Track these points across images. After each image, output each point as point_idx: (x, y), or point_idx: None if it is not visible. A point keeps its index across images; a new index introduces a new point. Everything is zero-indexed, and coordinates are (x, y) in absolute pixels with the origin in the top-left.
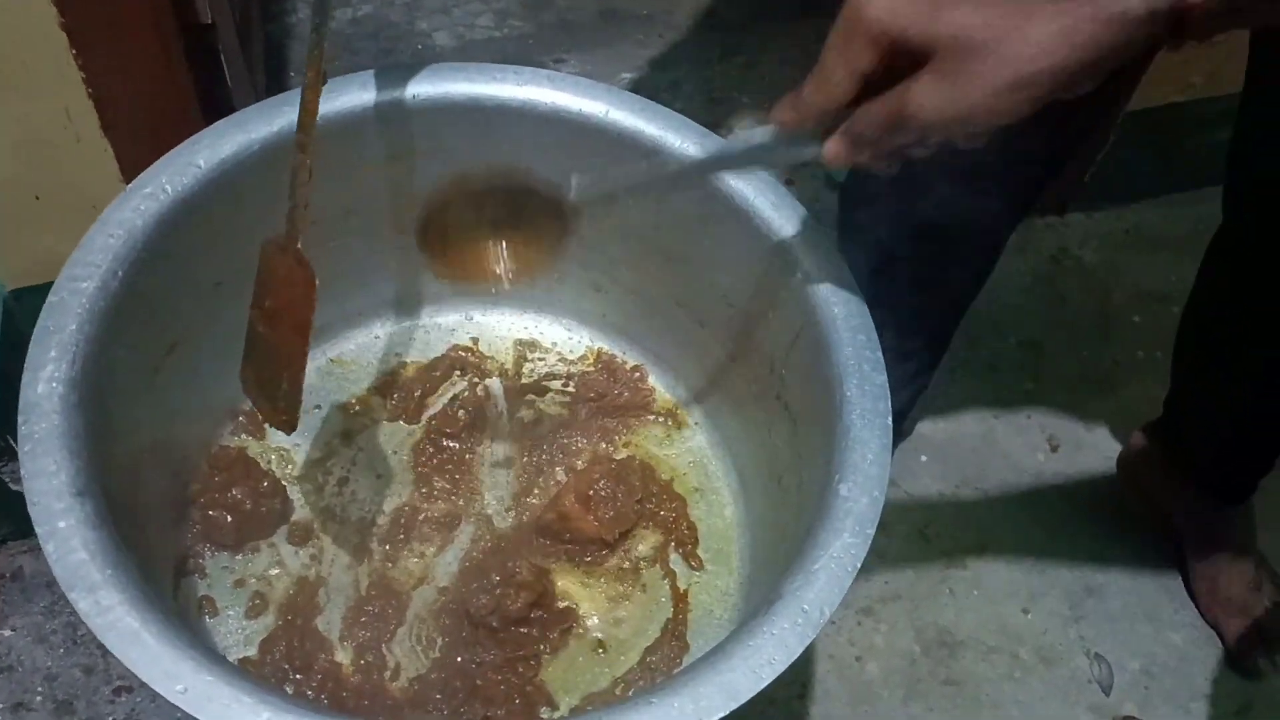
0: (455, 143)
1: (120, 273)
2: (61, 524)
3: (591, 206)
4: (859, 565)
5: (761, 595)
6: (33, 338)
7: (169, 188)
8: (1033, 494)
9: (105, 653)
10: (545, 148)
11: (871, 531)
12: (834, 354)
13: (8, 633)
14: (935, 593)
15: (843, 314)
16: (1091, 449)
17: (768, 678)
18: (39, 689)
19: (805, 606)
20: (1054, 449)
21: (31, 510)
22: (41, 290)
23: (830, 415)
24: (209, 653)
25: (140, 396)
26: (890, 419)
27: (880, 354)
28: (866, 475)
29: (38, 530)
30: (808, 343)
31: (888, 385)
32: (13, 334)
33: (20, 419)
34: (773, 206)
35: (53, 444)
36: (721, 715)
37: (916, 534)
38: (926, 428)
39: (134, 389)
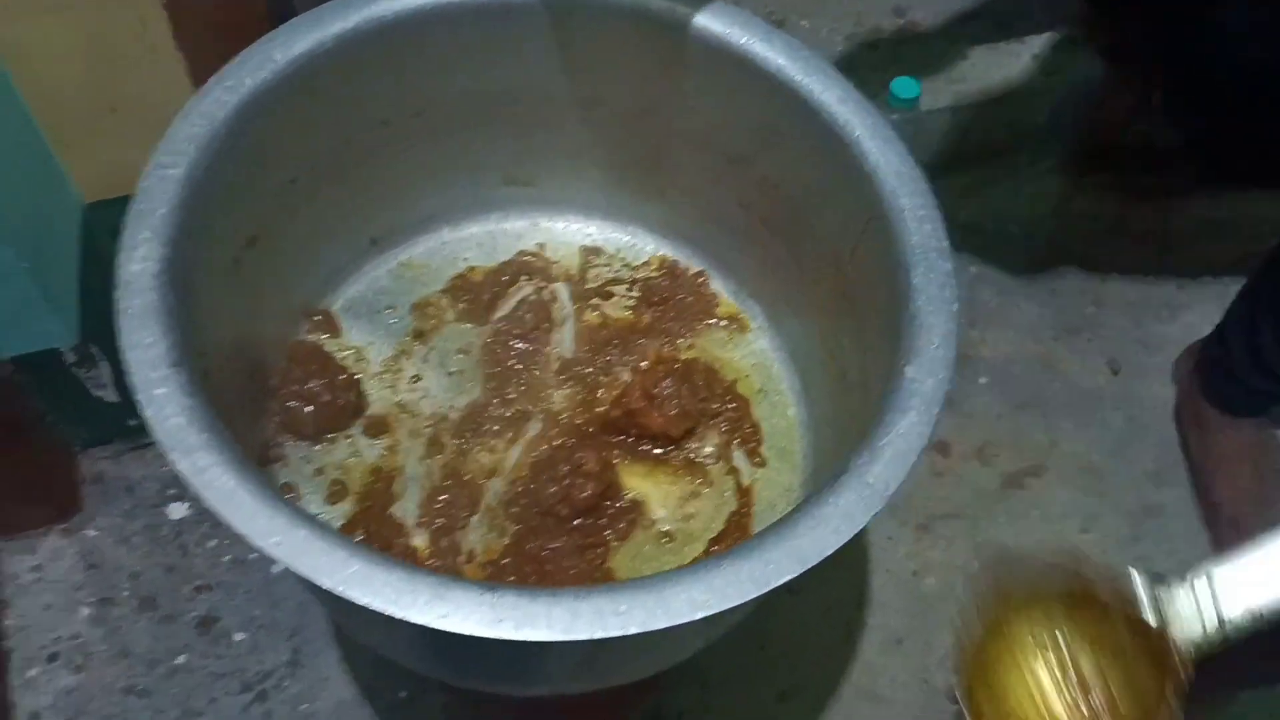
0: (530, 45)
1: (204, 161)
2: (159, 391)
3: None
4: (924, 444)
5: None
6: (126, 219)
7: (248, 81)
8: (1093, 416)
9: (185, 553)
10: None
11: (937, 411)
12: (901, 244)
13: (93, 533)
14: (993, 511)
15: (910, 205)
16: (1154, 372)
17: (833, 545)
18: (124, 586)
19: (870, 480)
20: (1115, 372)
21: (130, 380)
22: (118, 203)
23: (896, 305)
24: (301, 511)
25: (223, 287)
26: (957, 305)
27: (947, 242)
28: (932, 358)
29: (137, 398)
30: (875, 236)
31: (954, 273)
32: (90, 245)
33: (117, 294)
34: (839, 101)
35: (148, 318)
36: (789, 578)
37: (974, 454)
38: (986, 351)
39: (218, 279)
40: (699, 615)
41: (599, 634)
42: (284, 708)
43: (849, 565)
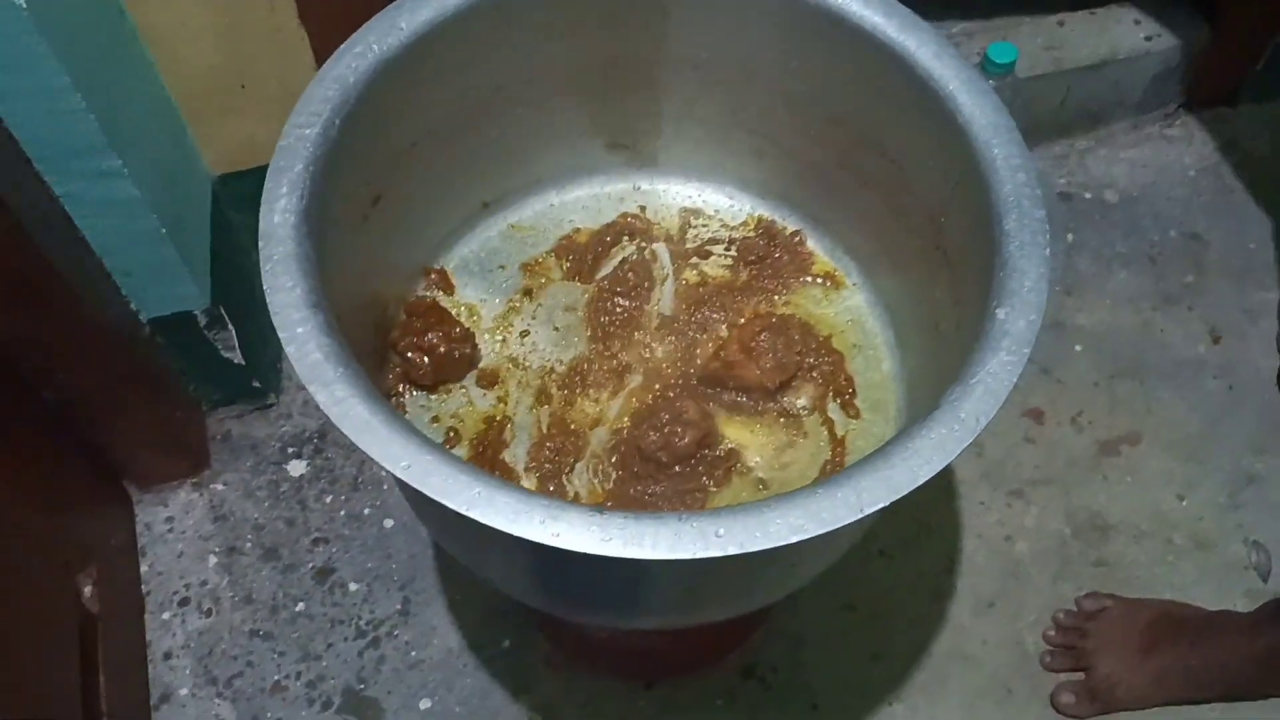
0: (633, 13)
1: (337, 122)
2: (300, 330)
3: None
4: (1014, 381)
5: None
6: (268, 174)
7: (375, 47)
8: (1192, 384)
9: (304, 507)
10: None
11: (1027, 351)
12: (995, 193)
13: (220, 487)
14: (1087, 479)
15: (1002, 155)
16: (1256, 340)
17: (925, 476)
18: (249, 536)
19: (962, 415)
20: (1215, 340)
21: (274, 319)
22: (245, 175)
23: (990, 254)
24: (428, 439)
25: (352, 242)
26: (1049, 250)
27: (1039, 190)
28: (1024, 300)
29: (281, 335)
30: (969, 186)
31: (1046, 220)
32: (220, 217)
33: (260, 243)
34: (934, 56)
35: (289, 264)
36: (882, 505)
37: (1069, 421)
38: (1082, 319)
39: (347, 234)
40: (795, 539)
41: (700, 554)
42: (395, 654)
43: (940, 531)
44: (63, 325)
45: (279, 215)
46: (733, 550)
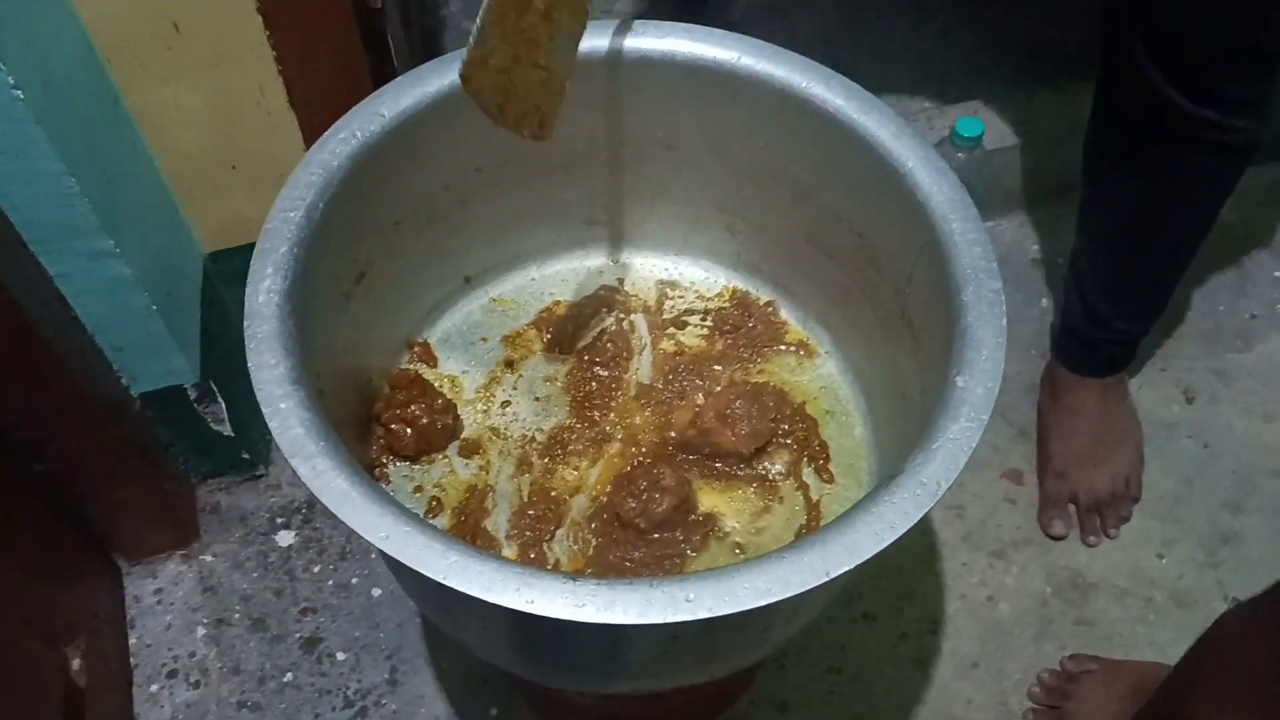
0: (607, 100)
1: (320, 205)
2: (283, 405)
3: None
4: (974, 446)
5: None
6: (253, 256)
7: (358, 134)
8: (1167, 444)
9: (292, 578)
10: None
11: (985, 418)
12: (953, 266)
13: (209, 558)
14: (1068, 538)
15: (960, 229)
16: (1229, 401)
17: (888, 539)
18: (237, 607)
19: (924, 480)
20: (1189, 400)
21: (258, 395)
22: (235, 253)
23: (949, 321)
24: (406, 510)
25: (335, 319)
26: (1005, 321)
27: (995, 263)
28: (982, 369)
29: (264, 410)
30: (929, 260)
31: (1002, 290)
32: (211, 293)
33: (246, 323)
34: (894, 136)
35: (273, 342)
36: (846, 569)
37: None
38: None
39: (330, 311)
40: (762, 602)
41: (670, 618)
42: None
43: (923, 593)
44: (54, 398)
45: (263, 295)
46: (702, 614)
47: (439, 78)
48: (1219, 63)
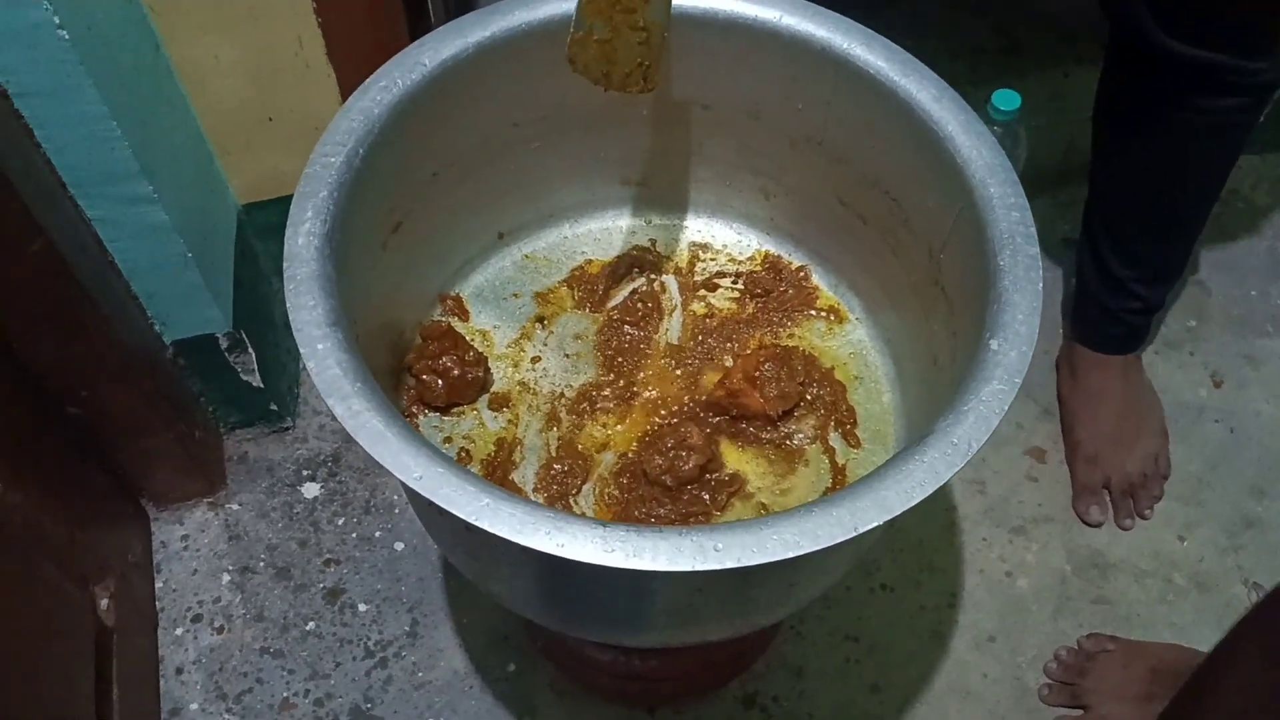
0: None
1: (360, 151)
2: (320, 346)
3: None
4: (1005, 409)
5: None
6: (294, 199)
7: (400, 82)
8: (1193, 427)
9: (316, 529)
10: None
11: (1019, 381)
12: (990, 230)
13: (235, 507)
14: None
15: (998, 193)
16: (1257, 386)
17: (917, 497)
18: (262, 556)
19: (954, 440)
20: (1217, 385)
21: (296, 336)
22: (269, 205)
23: (984, 286)
24: (439, 452)
25: (372, 267)
26: (1040, 285)
27: (1033, 228)
28: (1016, 333)
29: (302, 351)
30: (966, 225)
31: (1039, 256)
32: (244, 244)
33: (285, 264)
34: (934, 99)
35: (311, 285)
36: (875, 525)
37: None
38: None
39: (368, 258)
40: (790, 554)
41: (698, 566)
42: (402, 675)
43: (943, 567)
44: (89, 344)
45: (303, 238)
46: (729, 564)
47: (480, 29)
48: (1213, 7)
